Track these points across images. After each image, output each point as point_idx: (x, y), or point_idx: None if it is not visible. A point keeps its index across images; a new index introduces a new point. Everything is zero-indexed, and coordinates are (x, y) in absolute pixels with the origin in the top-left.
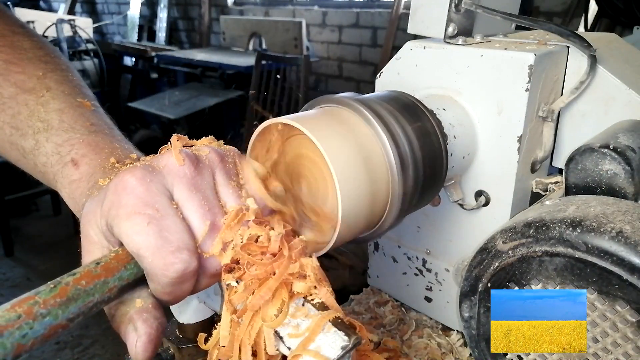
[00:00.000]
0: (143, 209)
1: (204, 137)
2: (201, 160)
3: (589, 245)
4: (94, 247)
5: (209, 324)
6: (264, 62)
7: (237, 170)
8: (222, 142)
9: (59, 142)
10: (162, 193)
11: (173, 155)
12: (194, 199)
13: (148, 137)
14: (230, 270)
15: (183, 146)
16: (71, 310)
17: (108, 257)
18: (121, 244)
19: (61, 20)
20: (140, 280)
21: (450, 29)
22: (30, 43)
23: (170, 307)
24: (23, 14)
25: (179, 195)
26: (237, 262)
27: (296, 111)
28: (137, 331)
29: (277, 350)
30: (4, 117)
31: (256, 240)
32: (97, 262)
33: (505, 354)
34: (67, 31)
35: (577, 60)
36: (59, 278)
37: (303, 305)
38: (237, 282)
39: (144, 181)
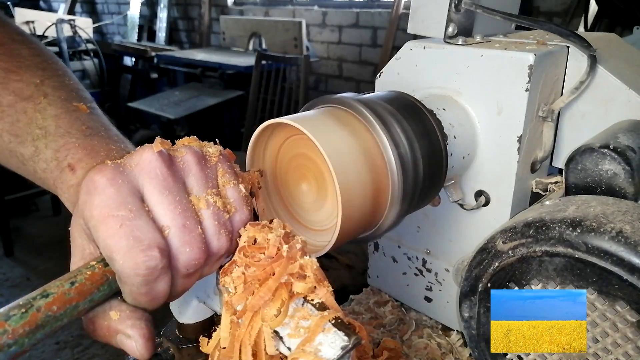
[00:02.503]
0: (115, 211)
1: (185, 137)
2: (175, 162)
3: (589, 245)
4: (77, 250)
5: (209, 324)
6: (264, 62)
7: (216, 173)
8: (210, 142)
9: (56, 148)
10: (133, 194)
11: (145, 152)
12: (164, 200)
13: (148, 137)
14: (227, 272)
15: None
16: (37, 337)
17: (84, 276)
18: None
19: (61, 20)
20: (109, 298)
21: (450, 29)
22: (28, 50)
23: (171, 307)
24: (23, 14)
25: (149, 196)
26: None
27: (296, 111)
28: (132, 337)
29: (277, 350)
30: (3, 124)
31: (255, 242)
32: (72, 280)
33: (505, 354)
34: (67, 31)
35: (577, 60)
36: (31, 297)
37: (303, 305)
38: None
39: (114, 181)
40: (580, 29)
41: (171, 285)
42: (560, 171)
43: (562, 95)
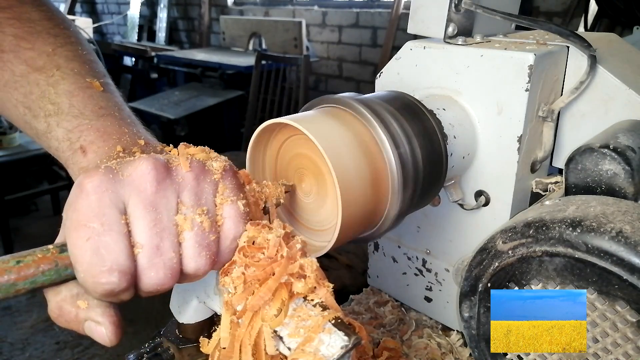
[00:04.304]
0: (89, 221)
1: (193, 147)
2: (172, 174)
3: (589, 245)
4: (60, 238)
5: (209, 324)
6: (264, 62)
7: (215, 189)
8: (217, 154)
9: (70, 128)
10: (114, 205)
11: (141, 164)
12: (146, 217)
13: None
14: (227, 272)
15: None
16: None
17: (33, 257)
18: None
19: None
20: (59, 283)
21: (450, 29)
22: (38, 14)
23: (171, 307)
24: None
25: (133, 210)
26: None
27: (296, 111)
28: (102, 324)
29: (277, 350)
30: (17, 95)
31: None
32: (19, 259)
33: (505, 354)
34: None
35: (577, 60)
36: None
37: (303, 305)
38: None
39: (99, 189)
40: (580, 29)
41: (135, 293)
42: (560, 171)
43: (562, 95)
